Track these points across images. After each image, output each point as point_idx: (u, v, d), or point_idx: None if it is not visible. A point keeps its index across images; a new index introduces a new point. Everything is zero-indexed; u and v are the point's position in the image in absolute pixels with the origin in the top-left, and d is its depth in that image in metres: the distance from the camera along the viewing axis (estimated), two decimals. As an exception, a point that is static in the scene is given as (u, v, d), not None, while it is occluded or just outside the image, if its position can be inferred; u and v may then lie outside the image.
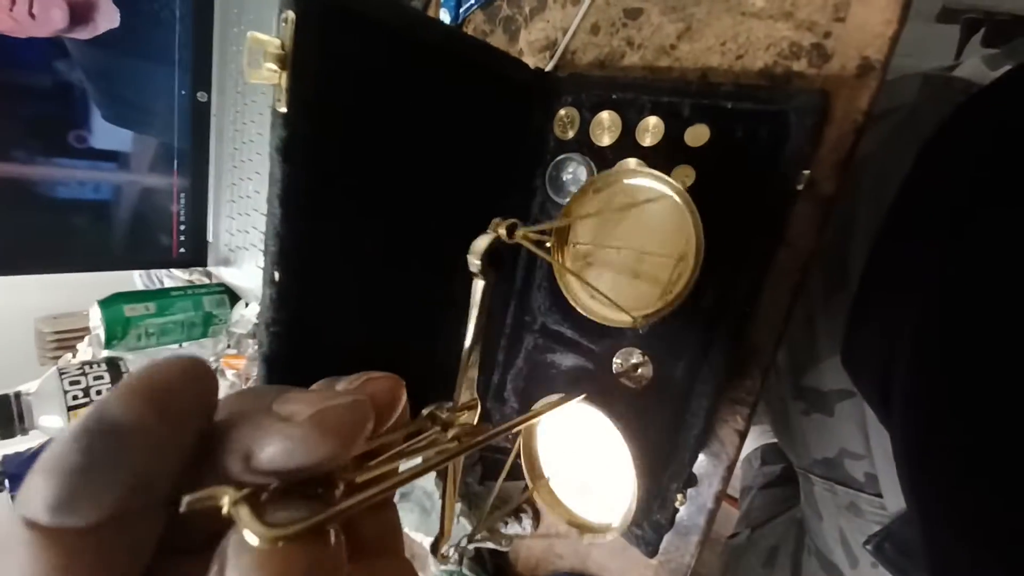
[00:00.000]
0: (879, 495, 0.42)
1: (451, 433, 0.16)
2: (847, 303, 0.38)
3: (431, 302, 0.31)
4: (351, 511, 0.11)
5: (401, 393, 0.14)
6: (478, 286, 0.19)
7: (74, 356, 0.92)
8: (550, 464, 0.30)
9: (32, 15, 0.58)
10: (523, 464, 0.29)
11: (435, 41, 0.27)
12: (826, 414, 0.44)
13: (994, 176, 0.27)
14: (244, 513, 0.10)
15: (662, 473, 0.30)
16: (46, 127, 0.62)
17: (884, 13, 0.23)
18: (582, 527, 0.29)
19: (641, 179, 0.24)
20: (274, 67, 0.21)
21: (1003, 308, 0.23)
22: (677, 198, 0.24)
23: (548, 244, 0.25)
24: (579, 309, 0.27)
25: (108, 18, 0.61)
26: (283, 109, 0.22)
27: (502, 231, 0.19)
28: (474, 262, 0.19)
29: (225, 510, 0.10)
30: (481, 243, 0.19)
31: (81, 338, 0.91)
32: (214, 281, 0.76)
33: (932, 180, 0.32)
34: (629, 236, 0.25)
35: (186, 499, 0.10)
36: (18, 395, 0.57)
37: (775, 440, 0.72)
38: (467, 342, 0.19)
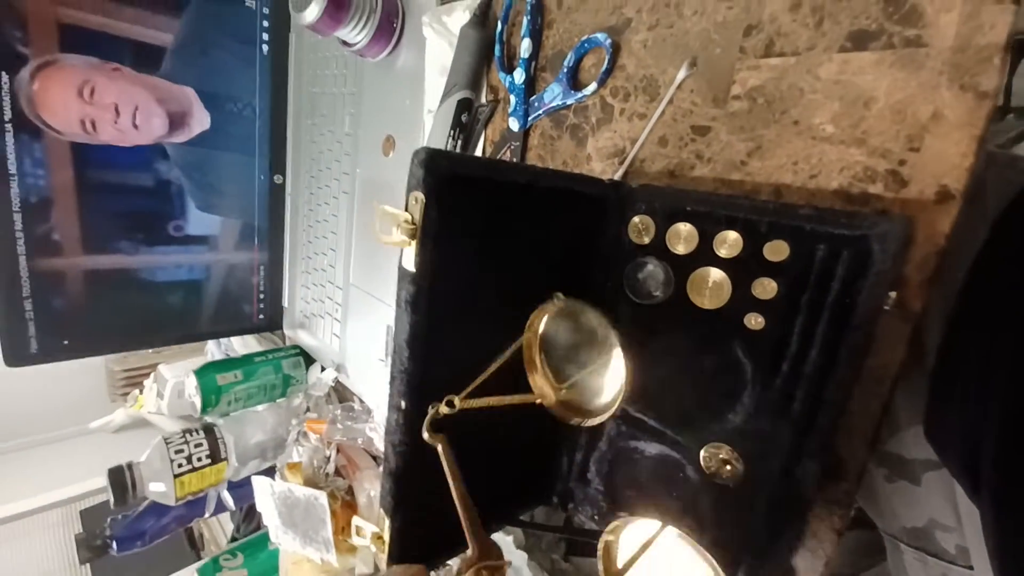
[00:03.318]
0: (971, 567, 0.41)
1: None
2: (924, 375, 0.38)
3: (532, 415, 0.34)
4: None
5: None
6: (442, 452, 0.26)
7: (141, 392, 0.99)
8: None
9: (135, 126, 0.65)
10: None
11: (523, 181, 0.30)
12: (912, 483, 0.43)
13: None
14: None
15: (758, 571, 0.31)
16: (149, 221, 0.69)
17: (959, 146, 0.25)
18: None
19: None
20: (405, 237, 0.25)
21: None
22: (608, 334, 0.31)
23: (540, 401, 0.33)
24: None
25: (201, 121, 0.68)
26: (412, 269, 0.26)
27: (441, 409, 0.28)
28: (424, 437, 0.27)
29: None
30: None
31: (147, 375, 0.98)
32: (289, 344, 0.82)
33: (1004, 259, 0.32)
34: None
35: None
36: (130, 465, 0.63)
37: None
38: (456, 499, 0.25)
